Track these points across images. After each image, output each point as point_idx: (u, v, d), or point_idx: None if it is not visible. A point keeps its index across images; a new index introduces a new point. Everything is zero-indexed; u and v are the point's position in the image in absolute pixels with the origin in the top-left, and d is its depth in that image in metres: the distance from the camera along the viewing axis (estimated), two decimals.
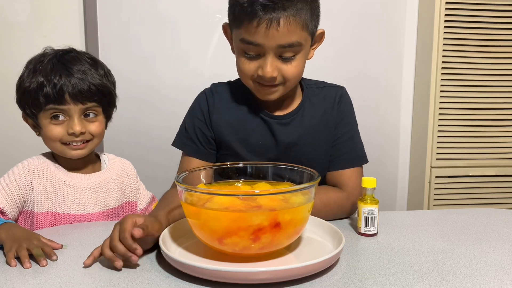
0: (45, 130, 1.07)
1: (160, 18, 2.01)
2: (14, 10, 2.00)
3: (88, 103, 1.07)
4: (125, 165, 1.22)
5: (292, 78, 1.05)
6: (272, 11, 0.96)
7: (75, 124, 1.05)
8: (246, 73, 1.06)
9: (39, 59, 1.09)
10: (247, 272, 0.73)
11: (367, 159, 1.16)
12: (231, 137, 1.12)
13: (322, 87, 1.19)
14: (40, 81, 1.05)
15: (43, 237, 0.88)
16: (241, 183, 0.94)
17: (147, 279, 0.76)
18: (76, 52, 1.12)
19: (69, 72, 1.05)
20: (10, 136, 2.04)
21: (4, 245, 0.85)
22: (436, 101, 2.10)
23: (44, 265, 0.81)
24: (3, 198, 1.03)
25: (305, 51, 1.05)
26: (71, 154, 1.08)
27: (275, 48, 1.00)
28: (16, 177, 1.06)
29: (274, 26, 0.97)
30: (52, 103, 1.05)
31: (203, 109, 1.15)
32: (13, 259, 0.81)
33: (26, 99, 1.08)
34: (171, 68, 2.04)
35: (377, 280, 0.75)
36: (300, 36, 1.01)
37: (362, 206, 0.95)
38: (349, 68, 2.16)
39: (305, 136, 1.13)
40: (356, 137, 1.17)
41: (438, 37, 2.05)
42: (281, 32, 0.98)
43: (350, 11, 2.13)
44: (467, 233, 0.98)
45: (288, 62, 1.03)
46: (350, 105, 1.18)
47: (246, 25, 1.00)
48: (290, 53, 1.02)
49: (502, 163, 2.18)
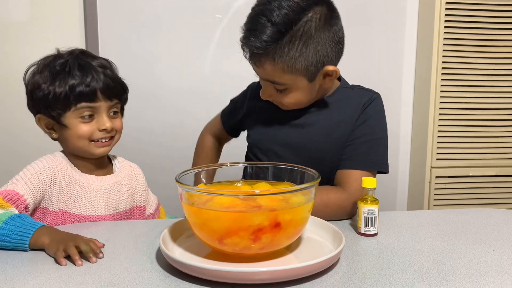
0: (75, 129, 1.07)
1: (160, 18, 2.01)
2: (14, 10, 2.00)
3: (114, 100, 1.10)
4: (134, 169, 1.23)
5: (288, 105, 1.13)
6: (254, 55, 1.06)
7: (106, 121, 1.08)
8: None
9: (56, 62, 1.08)
10: (247, 272, 0.73)
11: (384, 167, 1.15)
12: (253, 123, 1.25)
13: (357, 89, 1.21)
14: (71, 83, 1.05)
15: (84, 237, 0.88)
16: (241, 183, 0.94)
17: (147, 279, 0.76)
18: (88, 52, 1.14)
19: (96, 71, 1.07)
20: (10, 135, 2.04)
21: (49, 247, 0.86)
22: (436, 101, 2.10)
23: (94, 262, 0.82)
24: (27, 193, 1.02)
25: (299, 88, 1.09)
26: (98, 151, 1.10)
27: (266, 79, 1.10)
28: (38, 172, 1.05)
29: (256, 65, 1.08)
30: (85, 101, 1.06)
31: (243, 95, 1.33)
32: (63, 258, 0.82)
33: (51, 102, 1.06)
34: (171, 68, 2.04)
35: (377, 280, 0.75)
36: (282, 78, 1.07)
37: (362, 206, 0.95)
38: (349, 68, 2.15)
39: (324, 126, 1.16)
40: (377, 142, 1.15)
41: (438, 37, 2.05)
42: (265, 71, 1.07)
43: (350, 11, 2.12)
44: (467, 233, 0.98)
45: (282, 92, 1.11)
46: (378, 111, 1.18)
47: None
48: (280, 87, 1.09)
49: (502, 163, 2.18)
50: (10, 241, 0.88)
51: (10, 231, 0.88)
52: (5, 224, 0.89)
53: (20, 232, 0.88)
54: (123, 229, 1.02)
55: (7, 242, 0.88)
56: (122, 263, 0.82)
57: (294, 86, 1.08)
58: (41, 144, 1.15)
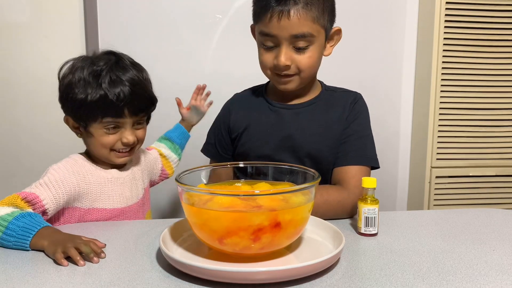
0: (99, 138, 1.09)
1: (161, 18, 2.01)
2: (14, 10, 2.00)
3: (140, 115, 1.12)
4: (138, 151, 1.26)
5: (306, 68, 1.12)
6: (283, 4, 1.05)
7: (129, 135, 1.10)
8: (265, 64, 1.14)
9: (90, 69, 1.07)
10: (247, 272, 0.73)
11: (377, 163, 1.17)
12: (242, 128, 1.23)
13: (340, 92, 1.25)
14: (101, 95, 1.04)
15: (84, 237, 0.88)
16: (241, 183, 0.94)
17: (147, 279, 0.76)
18: (122, 60, 1.12)
19: (124, 86, 1.06)
20: (10, 135, 2.04)
21: (48, 249, 0.86)
22: (436, 101, 2.10)
23: (96, 262, 0.82)
24: (48, 197, 1.01)
25: (318, 43, 1.11)
26: (118, 161, 1.12)
27: (288, 38, 1.08)
28: (63, 179, 1.05)
29: (285, 17, 1.05)
30: (111, 116, 1.07)
31: (221, 117, 1.30)
32: (63, 259, 0.82)
33: (80, 110, 1.07)
34: (172, 68, 2.04)
35: (377, 280, 0.75)
36: (311, 28, 1.07)
37: (362, 206, 0.96)
38: (349, 68, 2.16)
39: (313, 129, 1.17)
40: (367, 140, 1.19)
41: (438, 37, 2.05)
42: (292, 22, 1.05)
43: (349, 11, 2.13)
44: (467, 233, 0.98)
45: (302, 52, 1.10)
46: (365, 109, 1.23)
47: (262, 18, 1.09)
48: (303, 43, 1.09)
49: (502, 163, 2.18)
50: (15, 236, 0.88)
51: (18, 226, 0.89)
52: (15, 219, 0.90)
53: (25, 228, 0.89)
54: (123, 229, 1.03)
55: (13, 237, 0.89)
56: (122, 263, 0.82)
57: (317, 41, 1.10)
58: (44, 143, 1.15)
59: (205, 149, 1.33)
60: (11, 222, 0.90)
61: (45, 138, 1.97)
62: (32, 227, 0.89)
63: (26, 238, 0.88)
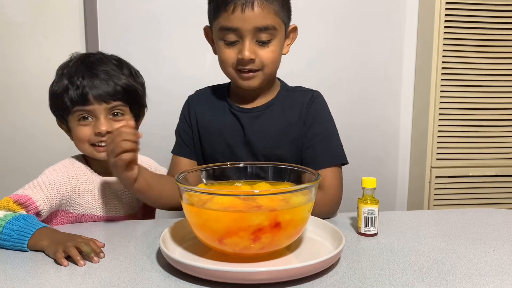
0: (74, 132, 1.08)
1: (160, 18, 2.01)
2: (14, 10, 2.00)
3: (113, 102, 1.07)
4: (144, 162, 1.22)
5: (270, 62, 1.10)
6: None
7: (101, 124, 1.06)
8: (227, 61, 1.11)
9: (65, 64, 1.10)
10: (247, 272, 0.73)
11: (345, 159, 1.16)
12: (206, 134, 1.20)
13: (298, 91, 1.22)
14: (65, 84, 1.06)
15: (84, 236, 0.88)
16: (241, 183, 0.94)
17: (147, 279, 0.76)
18: (102, 54, 1.13)
19: (92, 73, 1.06)
20: (11, 136, 2.04)
21: (48, 249, 0.85)
22: (436, 101, 2.10)
23: (96, 262, 0.82)
24: (41, 199, 1.01)
25: (280, 38, 1.11)
26: (100, 156, 1.08)
27: (252, 31, 1.06)
28: (56, 180, 1.04)
29: (249, 9, 1.04)
30: (77, 105, 1.06)
31: (184, 114, 1.25)
32: (64, 259, 0.81)
33: (55, 103, 1.09)
34: (171, 68, 2.04)
35: (377, 280, 0.75)
36: (274, 21, 1.07)
37: (362, 206, 0.95)
38: (349, 68, 2.16)
39: (272, 133, 1.16)
40: (332, 137, 1.17)
41: (438, 37, 2.05)
42: (256, 14, 1.05)
43: (350, 11, 2.13)
44: (467, 233, 0.98)
45: (265, 46, 1.09)
46: (323, 107, 1.20)
47: (222, 12, 1.07)
48: (266, 36, 1.08)
49: (502, 163, 2.18)
50: (11, 240, 0.88)
51: (12, 230, 0.88)
52: (9, 223, 0.89)
53: (21, 231, 0.88)
54: (123, 229, 1.03)
55: (9, 241, 0.88)
56: (122, 263, 0.82)
57: (278, 35, 1.10)
58: (43, 146, 1.15)
59: (176, 150, 1.24)
60: (5, 226, 0.89)
61: (44, 138, 1.97)
62: (27, 230, 0.88)
63: (23, 241, 0.88)
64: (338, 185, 1.12)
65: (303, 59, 2.03)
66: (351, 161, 1.20)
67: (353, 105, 2.19)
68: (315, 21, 2.09)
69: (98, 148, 1.07)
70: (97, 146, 1.07)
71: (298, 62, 2.00)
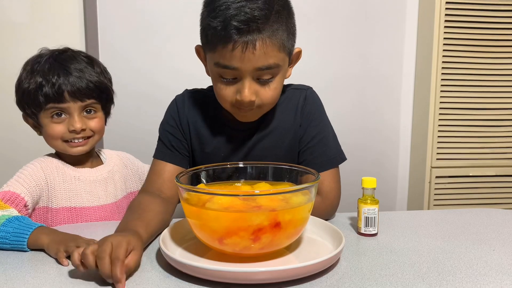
0: (47, 128, 1.09)
1: (160, 18, 2.01)
2: (14, 10, 2.00)
3: (87, 100, 1.09)
4: (122, 157, 1.25)
5: (270, 101, 1.03)
6: (247, 34, 0.92)
7: (76, 121, 1.08)
8: (225, 99, 1.02)
9: (36, 60, 1.10)
10: (247, 272, 0.73)
11: (343, 157, 1.13)
12: (198, 146, 1.13)
13: (289, 90, 1.16)
14: (39, 81, 1.06)
15: (84, 237, 0.88)
16: (241, 183, 0.94)
17: (147, 279, 0.76)
18: (72, 51, 1.14)
19: (66, 71, 1.07)
20: (10, 137, 2.04)
21: (49, 248, 0.85)
22: (436, 101, 2.10)
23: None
24: (23, 192, 1.04)
25: (283, 72, 1.02)
26: (72, 151, 1.11)
27: (252, 71, 0.96)
28: (32, 173, 1.07)
29: (250, 50, 0.93)
30: (52, 102, 1.07)
31: (174, 116, 1.14)
32: (65, 259, 0.81)
33: (26, 99, 1.09)
34: (171, 68, 2.04)
35: (377, 280, 0.75)
36: (277, 58, 0.97)
37: (362, 206, 0.95)
38: (349, 69, 2.16)
39: (271, 144, 1.12)
40: (328, 138, 1.13)
41: (438, 37, 2.05)
42: (257, 55, 0.93)
43: (350, 11, 2.13)
44: (467, 233, 0.98)
45: (266, 85, 0.99)
46: (317, 105, 1.15)
47: (220, 49, 0.95)
48: (267, 76, 0.98)
49: (502, 163, 2.18)
50: (8, 243, 0.88)
51: (8, 233, 0.88)
52: (3, 226, 0.89)
53: (17, 233, 0.88)
54: None
55: (7, 244, 0.88)
56: None
57: (282, 70, 1.00)
58: (41, 145, 1.15)
59: (162, 154, 1.12)
60: (0, 229, 0.89)
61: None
62: (24, 230, 0.88)
63: (22, 242, 0.87)
64: (336, 188, 1.10)
65: (303, 60, 2.03)
66: (351, 162, 1.20)
67: (353, 105, 2.19)
68: (315, 23, 2.10)
69: (72, 143, 1.10)
70: (70, 142, 1.10)
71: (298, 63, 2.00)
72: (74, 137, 1.09)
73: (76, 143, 1.10)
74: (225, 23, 0.92)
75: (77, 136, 1.09)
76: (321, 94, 1.18)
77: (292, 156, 1.14)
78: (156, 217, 0.95)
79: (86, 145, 1.12)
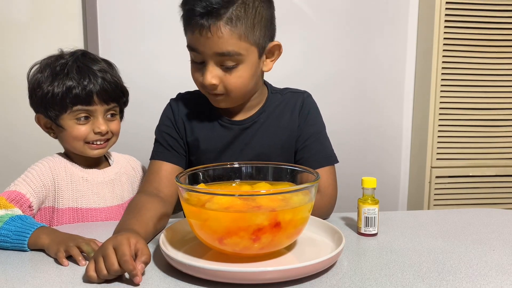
0: (71, 130, 1.10)
1: (160, 18, 2.01)
2: (15, 10, 2.00)
3: (111, 104, 1.12)
4: (129, 160, 1.27)
5: (234, 89, 1.03)
6: (206, 18, 0.96)
7: (101, 124, 1.10)
8: (195, 80, 1.07)
9: (57, 63, 1.10)
10: (247, 272, 0.73)
11: (336, 159, 1.15)
12: (193, 143, 1.14)
13: (285, 94, 1.18)
14: (68, 85, 1.07)
15: (84, 237, 0.88)
16: (241, 183, 0.94)
17: (147, 279, 0.76)
18: (89, 53, 1.16)
19: (94, 74, 1.09)
20: (10, 136, 2.04)
21: (49, 248, 0.86)
22: (436, 101, 2.10)
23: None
24: (29, 192, 1.04)
25: (250, 62, 1.02)
26: (93, 153, 1.12)
27: (212, 56, 0.99)
28: (39, 173, 1.08)
29: (207, 34, 0.97)
30: (80, 104, 1.08)
31: (170, 117, 1.16)
32: (65, 259, 0.82)
33: (49, 102, 1.08)
34: (173, 67, 2.04)
35: (377, 280, 0.75)
36: (237, 46, 0.98)
37: (362, 206, 0.95)
38: (349, 69, 2.16)
39: (265, 141, 1.13)
40: (323, 138, 1.16)
41: (438, 37, 2.05)
42: (214, 40, 0.97)
43: (350, 11, 2.13)
44: (467, 233, 0.98)
45: (229, 71, 1.01)
46: (314, 108, 1.17)
47: (188, 31, 1.02)
48: (230, 63, 1.00)
49: (502, 163, 2.18)
50: (10, 241, 0.88)
51: (10, 231, 0.89)
52: (6, 224, 0.89)
53: (19, 232, 0.88)
54: None
55: (8, 242, 0.88)
56: None
57: (247, 60, 1.01)
58: (41, 145, 1.16)
59: (159, 154, 1.12)
60: (2, 227, 0.89)
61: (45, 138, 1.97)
62: (26, 230, 0.89)
63: (22, 241, 0.88)
64: (334, 184, 1.11)
65: (303, 60, 2.03)
66: (352, 162, 1.20)
67: (353, 105, 2.19)
68: (316, 22, 2.09)
69: (92, 145, 1.12)
70: (91, 144, 1.11)
71: (298, 63, 2.00)
72: (98, 138, 1.11)
73: (97, 145, 1.12)
74: (190, 7, 0.99)
75: (101, 138, 1.11)
76: (321, 94, 1.19)
77: (288, 155, 1.15)
78: (154, 215, 0.95)
79: (105, 148, 1.14)
